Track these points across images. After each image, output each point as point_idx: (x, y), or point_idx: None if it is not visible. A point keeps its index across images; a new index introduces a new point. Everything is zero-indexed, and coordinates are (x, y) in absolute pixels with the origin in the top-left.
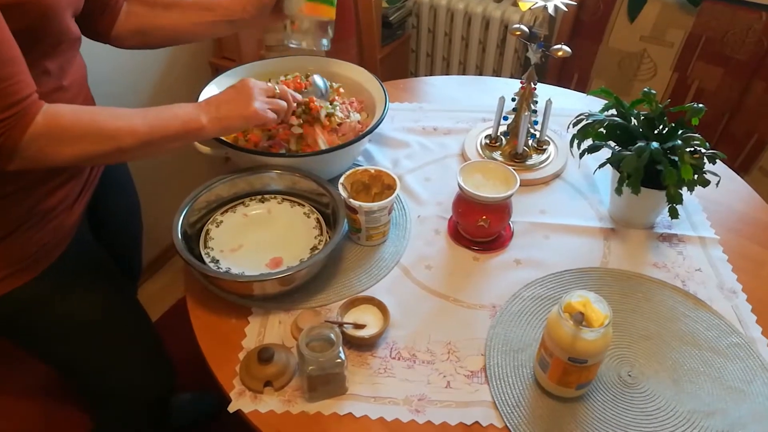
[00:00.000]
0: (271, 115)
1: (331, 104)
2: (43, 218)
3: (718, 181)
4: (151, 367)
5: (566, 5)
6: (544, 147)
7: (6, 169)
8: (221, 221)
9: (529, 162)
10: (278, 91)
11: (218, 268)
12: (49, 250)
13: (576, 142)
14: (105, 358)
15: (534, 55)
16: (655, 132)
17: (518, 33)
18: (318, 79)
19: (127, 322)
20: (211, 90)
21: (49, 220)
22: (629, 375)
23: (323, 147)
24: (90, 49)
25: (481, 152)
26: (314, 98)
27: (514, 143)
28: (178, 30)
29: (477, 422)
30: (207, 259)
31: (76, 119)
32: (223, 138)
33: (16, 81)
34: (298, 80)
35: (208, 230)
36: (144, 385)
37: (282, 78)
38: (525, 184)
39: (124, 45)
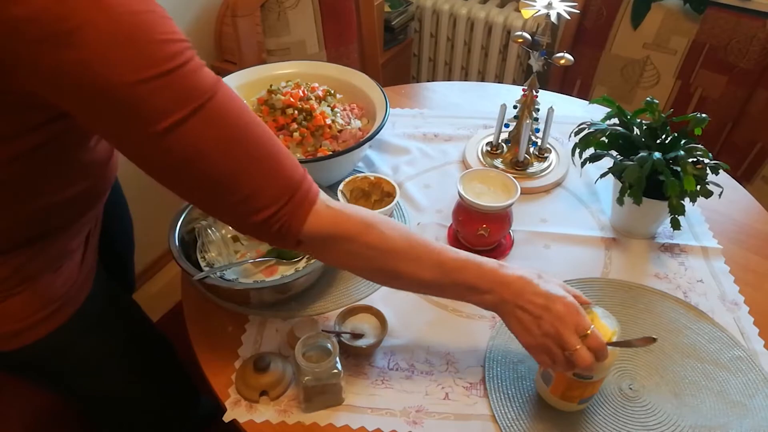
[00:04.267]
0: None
1: (332, 111)
2: (71, 256)
3: (721, 192)
4: (177, 387)
5: (569, 13)
6: (546, 155)
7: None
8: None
9: (530, 170)
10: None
11: (214, 274)
12: (80, 284)
13: (578, 150)
14: (135, 386)
15: (536, 63)
16: (658, 142)
17: (520, 41)
18: None
19: (151, 348)
20: None
21: (78, 255)
22: (630, 388)
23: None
24: None
25: (481, 159)
26: None
27: (515, 151)
28: None
29: None
30: (203, 264)
31: (367, 244)
32: None
33: (289, 166)
34: (300, 87)
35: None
36: (170, 408)
37: (283, 84)
38: (526, 192)
39: None
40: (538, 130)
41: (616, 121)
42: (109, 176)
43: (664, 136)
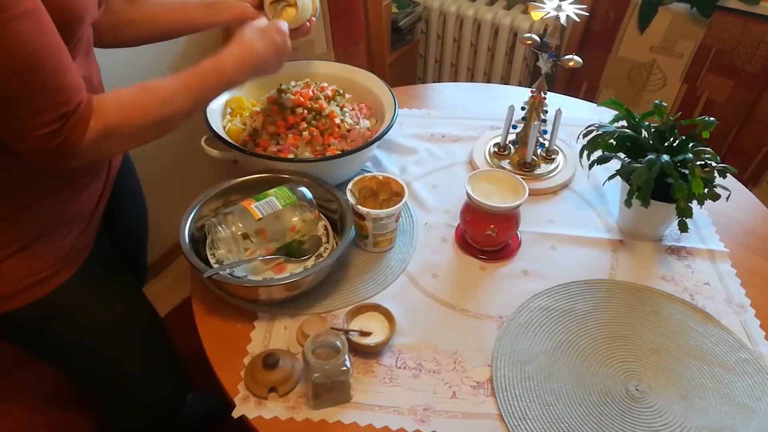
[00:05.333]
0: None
1: (341, 110)
2: (66, 226)
3: (728, 196)
4: (169, 373)
5: (578, 15)
6: (553, 156)
7: (70, 166)
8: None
9: (538, 171)
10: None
11: (224, 271)
12: (72, 258)
13: (586, 152)
14: (125, 365)
15: (545, 65)
16: (666, 144)
17: (529, 42)
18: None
19: (146, 327)
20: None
21: (72, 228)
22: (637, 389)
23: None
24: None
25: (489, 160)
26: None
27: (523, 152)
28: (154, 19)
29: None
30: (212, 261)
31: (126, 117)
32: (232, 142)
33: (71, 88)
34: (309, 87)
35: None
36: (161, 391)
37: (293, 83)
38: (533, 193)
39: (100, 43)
40: (545, 132)
41: (624, 123)
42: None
43: (672, 139)
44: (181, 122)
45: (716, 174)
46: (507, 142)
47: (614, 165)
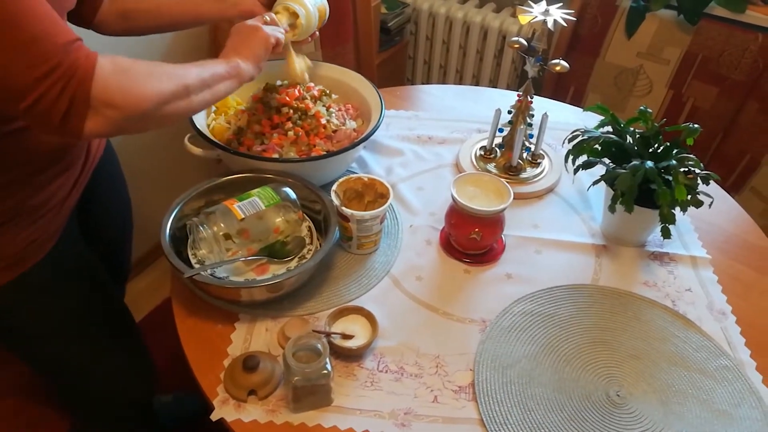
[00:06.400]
0: (278, 33)
1: (327, 110)
2: (33, 214)
3: (711, 203)
4: (132, 370)
5: (565, 20)
6: (539, 161)
7: (82, 133)
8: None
9: (523, 175)
10: (267, 19)
11: (205, 271)
12: (37, 246)
13: (571, 157)
14: (86, 359)
15: (532, 69)
16: (650, 151)
17: (517, 46)
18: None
19: (109, 321)
20: None
21: (38, 216)
22: (617, 395)
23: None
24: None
25: (475, 163)
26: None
27: (509, 156)
28: (161, 10)
29: None
30: (193, 261)
31: (135, 60)
32: (216, 140)
33: (65, 31)
34: (296, 86)
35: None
36: (124, 387)
37: (279, 82)
38: (518, 197)
39: (107, 30)
40: (531, 136)
41: (609, 129)
42: (75, 147)
43: (656, 145)
44: (195, 86)
45: (699, 181)
46: (493, 146)
47: (599, 170)
